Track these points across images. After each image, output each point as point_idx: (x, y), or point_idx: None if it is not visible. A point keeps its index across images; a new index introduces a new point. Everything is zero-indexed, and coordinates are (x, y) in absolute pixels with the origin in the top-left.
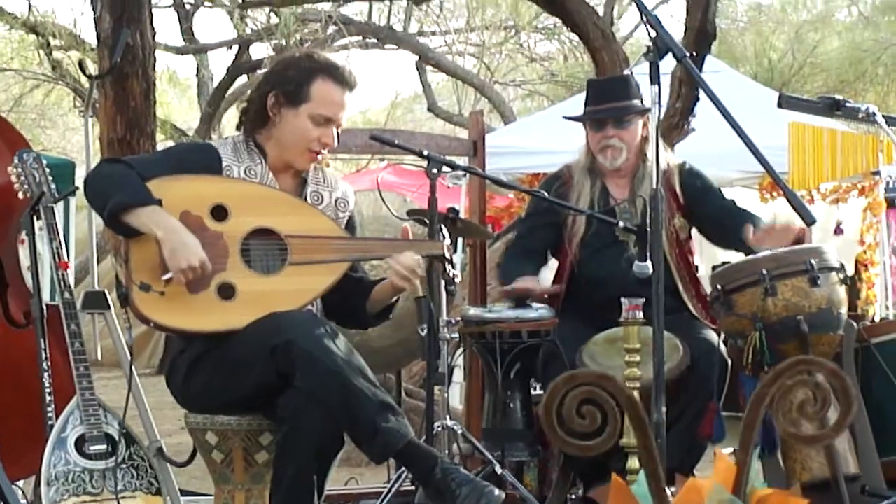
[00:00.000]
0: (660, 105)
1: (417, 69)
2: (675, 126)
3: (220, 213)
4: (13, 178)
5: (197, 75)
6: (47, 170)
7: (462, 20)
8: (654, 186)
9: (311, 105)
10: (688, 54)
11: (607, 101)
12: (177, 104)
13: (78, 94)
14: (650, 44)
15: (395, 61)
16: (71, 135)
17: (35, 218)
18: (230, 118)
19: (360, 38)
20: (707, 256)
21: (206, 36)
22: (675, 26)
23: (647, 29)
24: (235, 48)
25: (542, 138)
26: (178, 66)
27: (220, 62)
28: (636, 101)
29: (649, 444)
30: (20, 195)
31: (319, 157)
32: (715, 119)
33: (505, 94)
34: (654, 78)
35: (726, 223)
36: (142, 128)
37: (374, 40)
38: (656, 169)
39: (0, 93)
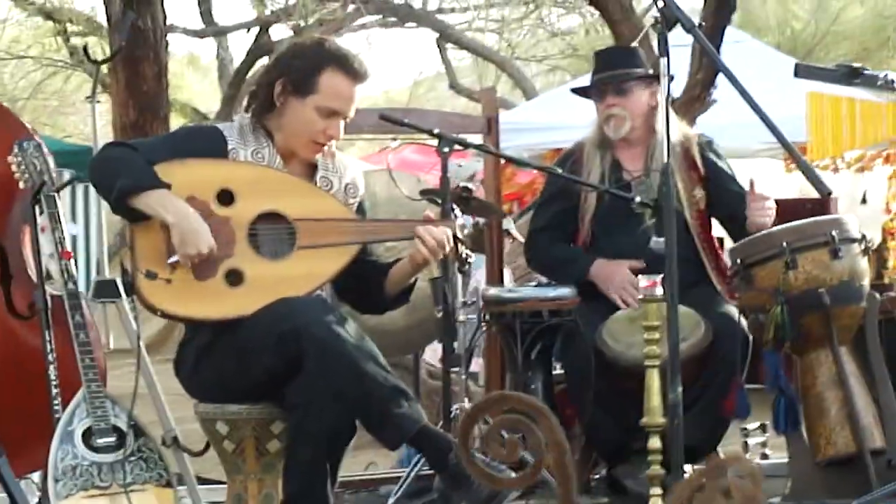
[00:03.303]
0: (668, 77)
1: (438, 47)
2: (696, 98)
3: (226, 197)
4: (13, 168)
5: (217, 58)
6: (49, 158)
7: None
8: (665, 161)
9: (319, 97)
10: (697, 24)
11: (608, 69)
12: (198, 87)
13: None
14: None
15: (416, 40)
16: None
17: (38, 207)
18: None
19: (380, 16)
20: None
21: (226, 18)
22: None
23: None
24: (255, 30)
25: (561, 113)
26: (199, 49)
27: (240, 44)
28: (638, 70)
29: (566, 469)
30: (21, 185)
31: (325, 148)
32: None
33: (527, 70)
34: (662, 49)
35: (737, 213)
36: (155, 112)
37: (394, 19)
38: (667, 143)
39: (20, 80)
